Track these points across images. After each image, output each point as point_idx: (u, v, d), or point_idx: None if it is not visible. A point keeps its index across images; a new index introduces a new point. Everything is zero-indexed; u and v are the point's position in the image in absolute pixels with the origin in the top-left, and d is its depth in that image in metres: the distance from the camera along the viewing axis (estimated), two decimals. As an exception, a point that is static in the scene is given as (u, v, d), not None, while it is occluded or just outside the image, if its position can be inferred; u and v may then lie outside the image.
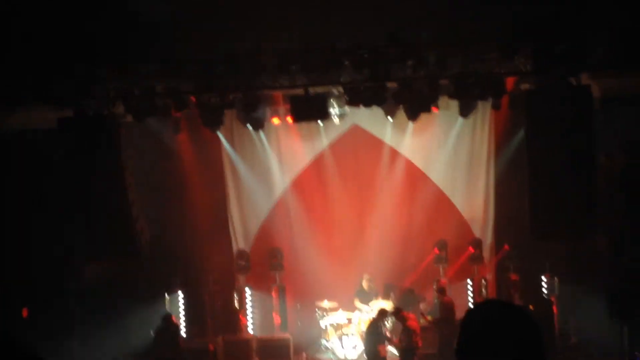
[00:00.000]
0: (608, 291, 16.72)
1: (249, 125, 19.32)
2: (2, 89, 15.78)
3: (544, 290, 19.56)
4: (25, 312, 18.19)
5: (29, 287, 17.95)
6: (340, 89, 17.29)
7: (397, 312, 17.85)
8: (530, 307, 18.46)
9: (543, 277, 19.50)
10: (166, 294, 20.34)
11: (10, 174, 16.98)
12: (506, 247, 20.10)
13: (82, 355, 18.97)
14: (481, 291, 19.88)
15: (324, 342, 19.91)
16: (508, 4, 15.23)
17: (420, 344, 17.56)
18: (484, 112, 20.02)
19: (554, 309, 18.82)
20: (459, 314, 19.24)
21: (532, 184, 15.89)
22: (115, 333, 18.91)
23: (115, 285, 19.32)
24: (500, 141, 20.42)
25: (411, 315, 17.83)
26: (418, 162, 21.04)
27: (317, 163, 21.34)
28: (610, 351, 16.84)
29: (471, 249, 20.33)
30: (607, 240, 17.16)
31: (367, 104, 16.68)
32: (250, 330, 20.47)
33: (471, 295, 20.13)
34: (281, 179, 21.39)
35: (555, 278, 18.95)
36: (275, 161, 21.32)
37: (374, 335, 17.64)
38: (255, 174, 21.33)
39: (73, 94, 16.51)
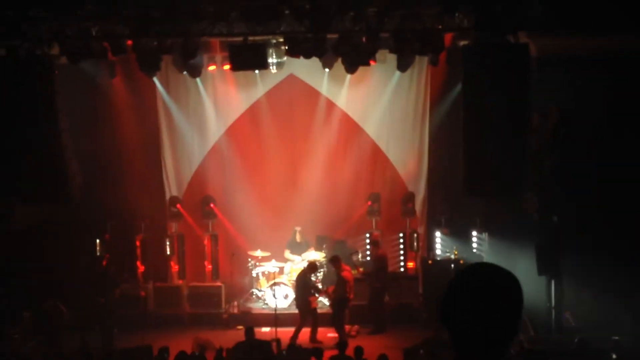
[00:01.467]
0: (536, 248, 17.19)
1: (185, 72, 19.23)
2: None
3: (474, 245, 20.02)
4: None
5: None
6: (280, 39, 17.30)
7: (336, 260, 18.09)
8: (461, 261, 18.90)
9: (474, 233, 19.93)
10: (97, 240, 20.28)
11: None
12: (439, 201, 20.49)
13: (11, 299, 18.89)
14: (413, 245, 20.24)
15: (255, 291, 20.16)
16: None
17: (352, 296, 17.91)
18: (420, 67, 20.16)
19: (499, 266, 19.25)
20: (391, 266, 19.69)
21: (466, 140, 16.06)
22: (44, 278, 18.84)
23: (45, 229, 19.24)
24: (436, 97, 20.59)
25: (346, 267, 18.14)
26: (354, 115, 21.13)
27: (252, 111, 21.29)
28: (538, 309, 17.30)
29: (403, 203, 20.63)
30: (537, 198, 17.53)
31: (307, 55, 16.69)
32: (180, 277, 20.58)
33: (402, 248, 20.47)
34: (216, 126, 21.33)
35: (485, 233, 19.38)
36: (211, 108, 21.24)
37: (304, 286, 17.91)
38: (189, 121, 21.25)
39: (4, 32, 16.25)
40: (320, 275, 18.93)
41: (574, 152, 17.58)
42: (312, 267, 18.25)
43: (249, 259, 20.37)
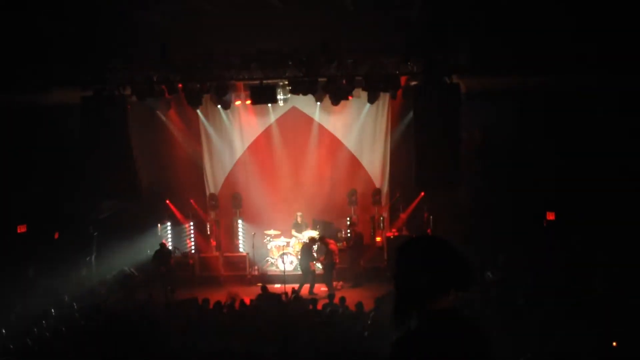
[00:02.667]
0: (466, 228, 17.13)
1: (219, 106, 19.25)
2: (43, 72, 15.44)
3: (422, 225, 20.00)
4: (56, 235, 18.01)
5: (62, 216, 17.78)
6: (286, 82, 17.34)
7: (322, 238, 18.17)
8: (413, 235, 18.91)
9: (422, 216, 19.94)
10: (158, 225, 20.27)
11: (45, 140, 16.69)
12: (397, 194, 20.43)
13: (98, 267, 18.90)
14: (380, 225, 20.24)
15: (270, 259, 20.15)
16: (405, 27, 15.46)
17: (337, 261, 17.92)
18: (384, 100, 20.02)
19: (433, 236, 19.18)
20: (365, 240, 19.65)
21: (417, 150, 16.12)
22: (122, 252, 18.86)
23: (122, 217, 19.23)
24: (395, 120, 20.46)
25: (331, 241, 18.14)
26: (338, 134, 20.98)
27: (267, 133, 21.12)
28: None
29: (373, 195, 20.59)
30: (468, 191, 17.58)
31: (305, 93, 16.78)
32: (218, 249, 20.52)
33: (373, 227, 20.47)
34: (241, 144, 21.17)
35: (431, 216, 19.39)
36: (237, 132, 21.09)
37: (306, 255, 17.93)
38: (222, 140, 21.07)
39: (91, 79, 16.29)
40: (315, 247, 18.90)
41: (493, 158, 17.62)
42: (312, 240, 18.32)
43: (265, 236, 20.31)
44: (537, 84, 15.51)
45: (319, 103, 19.17)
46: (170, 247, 19.29)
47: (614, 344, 10.34)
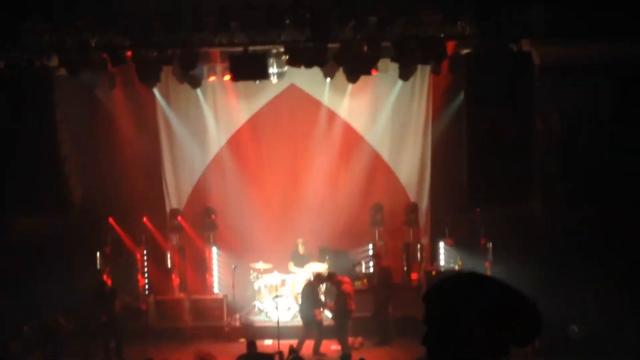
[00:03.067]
0: (543, 257, 17.15)
1: (185, 83, 19.27)
2: None
3: (478, 255, 19.91)
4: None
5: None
6: (281, 49, 17.31)
7: (331, 277, 18.10)
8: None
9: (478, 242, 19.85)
10: (97, 252, 20.28)
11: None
12: (443, 211, 20.44)
13: (11, 313, 18.88)
14: (416, 256, 20.23)
15: (257, 303, 20.13)
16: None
17: (353, 307, 17.86)
18: (422, 76, 20.14)
19: (488, 274, 19.21)
20: (395, 278, 19.66)
21: (469, 149, 16.12)
22: (45, 292, 18.82)
23: (44, 241, 19.23)
24: (439, 105, 20.58)
25: (345, 279, 18.05)
26: (356, 125, 21.12)
27: (253, 122, 21.27)
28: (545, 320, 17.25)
29: (407, 213, 20.64)
30: (542, 205, 17.53)
31: (308, 65, 16.75)
32: (183, 290, 20.55)
33: (406, 259, 20.44)
34: (217, 138, 21.31)
35: (490, 243, 19.33)
36: (212, 119, 21.21)
37: (310, 299, 17.85)
38: (190, 132, 21.21)
39: (3, 44, 16.31)
40: (323, 288, 18.87)
41: (579, 156, 17.57)
42: (319, 278, 18.27)
43: (251, 271, 20.34)
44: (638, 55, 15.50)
45: (328, 80, 19.19)
46: (113, 286, 19.28)
47: None
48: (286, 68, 17.99)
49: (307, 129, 21.19)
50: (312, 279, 18.43)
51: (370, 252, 20.48)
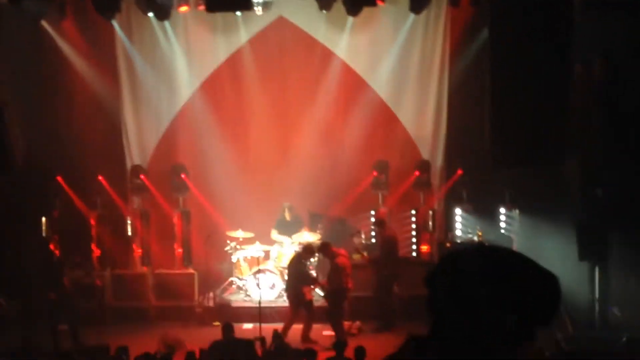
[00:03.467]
0: (578, 227, 17.19)
1: (151, 14, 19.17)
2: None
3: (502, 225, 20.05)
4: None
5: None
6: (267, -27, 17.24)
7: (325, 247, 18.07)
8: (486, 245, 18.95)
9: (502, 209, 19.94)
10: (43, 217, 20.25)
11: None
12: (459, 171, 20.46)
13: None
14: (427, 224, 20.28)
15: (235, 279, 20.13)
16: None
17: (351, 285, 17.84)
18: (438, 8, 20.12)
19: (514, 247, 19.21)
20: (402, 250, 19.71)
21: (494, 97, 16.03)
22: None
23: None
24: (458, 44, 20.53)
25: (342, 251, 18.02)
26: (357, 67, 21.09)
27: (233, 61, 21.23)
28: (579, 301, 17.32)
29: (417, 173, 20.60)
30: (578, 165, 17.52)
31: (301, -8, 16.71)
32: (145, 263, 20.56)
33: (415, 228, 20.52)
34: (188, 80, 21.28)
35: (516, 210, 19.32)
36: (183, 58, 21.14)
37: (297, 274, 17.86)
38: (156, 74, 21.15)
39: None
40: (314, 261, 18.90)
41: (625, 111, 17.50)
42: (308, 250, 18.19)
43: (228, 241, 20.28)
44: None
45: (324, 12, 19.12)
46: (62, 258, 19.28)
47: None
48: (273, -4, 17.92)
49: (298, 72, 21.16)
50: (300, 250, 18.41)
51: (372, 220, 20.47)
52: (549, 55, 15.48)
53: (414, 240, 20.48)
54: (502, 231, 19.87)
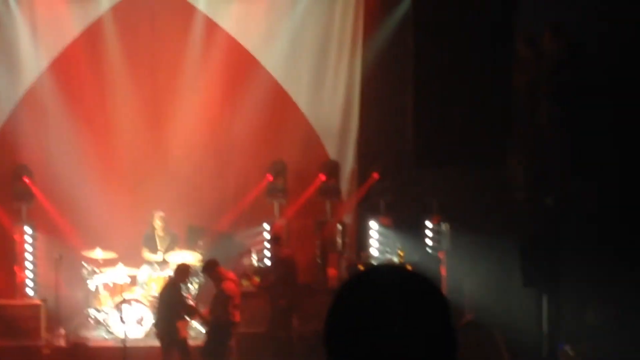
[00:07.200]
0: (522, 245, 17.24)
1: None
2: None
3: (428, 242, 20.05)
4: None
5: None
6: None
7: (211, 267, 17.89)
8: (408, 266, 18.91)
9: (428, 223, 19.94)
10: None
11: None
12: (375, 175, 20.41)
13: None
14: (336, 241, 20.26)
15: (93, 311, 19.85)
16: None
17: (238, 319, 17.77)
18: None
19: (443, 270, 19.31)
20: (303, 275, 19.61)
21: (417, 84, 16.13)
22: None
23: None
24: (373, 19, 20.57)
25: (230, 275, 17.94)
26: (247, 43, 21.12)
27: (91, 36, 21.11)
28: (523, 333, 17.43)
29: (323, 177, 20.58)
30: (523, 167, 17.64)
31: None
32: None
33: (320, 246, 20.40)
34: (34, 59, 21.09)
35: (446, 224, 19.38)
36: (26, 33, 20.96)
37: (171, 305, 17.69)
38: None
39: None
40: (193, 287, 18.72)
41: (581, 100, 17.66)
42: (183, 272, 18.02)
43: (84, 264, 19.98)
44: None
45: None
46: None
47: None
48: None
49: (173, 47, 21.19)
50: (174, 274, 18.19)
51: (267, 236, 20.34)
52: (485, 31, 15.58)
53: (319, 261, 20.35)
54: (429, 250, 19.86)
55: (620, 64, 17.36)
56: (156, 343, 18.02)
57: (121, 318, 18.20)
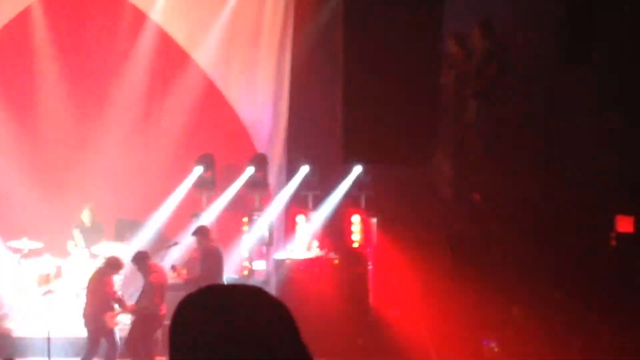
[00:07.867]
0: (449, 245, 17.36)
1: None
2: None
3: (354, 239, 20.08)
4: None
5: None
6: None
7: (142, 258, 17.88)
8: (335, 261, 19.05)
9: (354, 218, 20.08)
10: None
11: None
12: (304, 169, 20.52)
13: None
14: (263, 235, 20.44)
15: (18, 301, 19.80)
16: None
17: (164, 312, 17.79)
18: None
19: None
20: (229, 268, 19.67)
21: (346, 80, 16.22)
22: None
23: None
24: (303, 14, 20.73)
25: (157, 268, 18.02)
26: (177, 35, 21.19)
27: (18, 24, 20.99)
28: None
29: (251, 170, 20.66)
30: (450, 166, 17.77)
31: None
32: None
33: (248, 241, 20.58)
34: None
35: (374, 220, 19.49)
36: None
37: (98, 296, 17.70)
38: None
39: None
40: (119, 279, 18.73)
41: (511, 98, 17.81)
42: (114, 265, 18.00)
43: (10, 253, 20.02)
44: None
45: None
46: None
47: None
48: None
49: (100, 39, 21.10)
50: (104, 265, 18.18)
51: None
52: (414, 27, 15.68)
53: (245, 254, 20.41)
54: (354, 247, 19.91)
55: (547, 60, 17.51)
56: (82, 334, 18.02)
57: (47, 310, 18.18)
